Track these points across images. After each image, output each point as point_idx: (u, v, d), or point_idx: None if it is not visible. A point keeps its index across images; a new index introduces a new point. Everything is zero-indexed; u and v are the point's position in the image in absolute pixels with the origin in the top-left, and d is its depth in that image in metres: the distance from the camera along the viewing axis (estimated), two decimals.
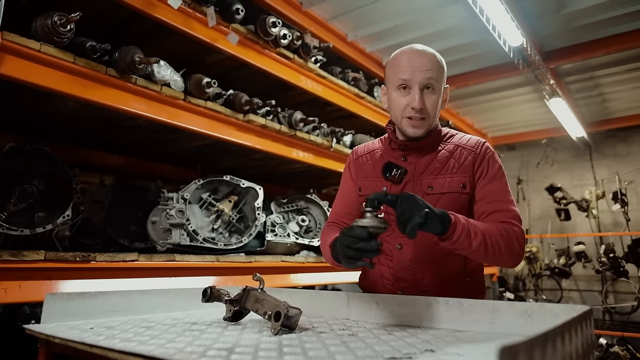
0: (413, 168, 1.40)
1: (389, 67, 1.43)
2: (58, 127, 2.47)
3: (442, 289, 1.36)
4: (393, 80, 1.38)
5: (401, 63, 1.37)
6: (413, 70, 1.34)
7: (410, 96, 1.35)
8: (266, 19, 2.52)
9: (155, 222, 2.36)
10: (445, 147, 1.43)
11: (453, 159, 1.40)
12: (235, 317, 1.25)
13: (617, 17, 3.28)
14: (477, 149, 1.41)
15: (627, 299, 5.38)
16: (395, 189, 1.40)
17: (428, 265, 1.37)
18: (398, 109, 1.38)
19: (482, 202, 1.37)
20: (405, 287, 1.39)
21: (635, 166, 5.81)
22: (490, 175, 1.38)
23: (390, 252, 1.41)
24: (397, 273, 1.40)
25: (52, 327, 1.09)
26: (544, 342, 0.65)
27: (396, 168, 1.40)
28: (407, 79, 1.34)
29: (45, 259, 1.61)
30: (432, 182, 1.38)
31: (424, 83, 1.34)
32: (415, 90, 1.34)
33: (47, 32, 1.66)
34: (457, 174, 1.37)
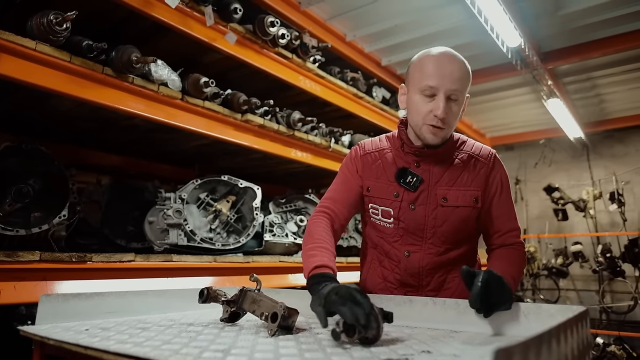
0: (428, 176, 1.37)
1: (414, 68, 1.36)
2: (54, 127, 2.46)
3: (446, 293, 1.40)
4: (418, 84, 1.33)
5: (429, 67, 1.31)
6: (441, 78, 1.29)
7: (435, 104, 1.30)
8: (264, 18, 2.51)
9: (152, 222, 2.35)
10: (459, 157, 1.40)
11: (467, 171, 1.38)
12: (232, 318, 1.25)
13: (614, 18, 3.29)
14: (489, 162, 1.41)
15: (624, 298, 5.40)
16: (409, 196, 1.37)
17: (434, 272, 1.40)
18: (419, 115, 1.33)
19: (498, 221, 1.40)
20: (409, 292, 1.41)
21: (632, 166, 5.82)
22: (504, 192, 1.41)
23: (398, 259, 1.41)
24: (403, 279, 1.41)
25: (47, 329, 1.09)
26: (539, 343, 0.65)
27: (411, 175, 1.36)
28: (434, 86, 1.29)
29: (40, 259, 1.60)
30: (447, 194, 1.36)
31: (449, 93, 1.29)
32: (440, 98, 1.29)
33: (43, 31, 1.65)
34: (470, 187, 1.37)
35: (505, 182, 1.42)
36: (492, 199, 1.39)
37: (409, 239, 1.38)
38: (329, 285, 1.07)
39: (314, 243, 1.29)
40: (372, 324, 0.93)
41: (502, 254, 1.38)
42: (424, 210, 1.36)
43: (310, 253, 1.26)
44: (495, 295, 1.08)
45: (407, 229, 1.38)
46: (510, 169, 6.48)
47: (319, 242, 1.29)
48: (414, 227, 1.37)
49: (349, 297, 0.96)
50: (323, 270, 1.18)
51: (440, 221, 1.35)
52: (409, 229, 1.38)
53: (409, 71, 1.40)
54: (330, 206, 1.44)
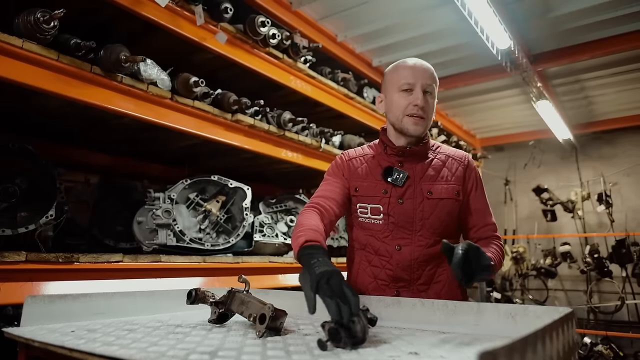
0: (412, 173, 1.48)
1: (391, 73, 1.53)
2: (42, 126, 2.44)
3: (437, 287, 1.46)
4: (396, 84, 1.48)
5: (406, 68, 1.49)
6: (417, 74, 1.46)
7: (414, 95, 1.45)
8: (255, 18, 2.50)
9: (141, 222, 2.34)
10: (437, 157, 1.53)
11: (446, 168, 1.51)
12: (220, 319, 1.25)
13: (603, 21, 3.33)
14: (465, 161, 1.54)
15: (611, 298, 5.47)
16: (397, 191, 1.46)
17: (425, 265, 1.45)
18: (399, 109, 1.47)
19: (475, 215, 1.52)
20: (402, 287, 1.46)
21: (619, 168, 5.90)
22: (479, 189, 1.54)
23: (389, 254, 1.46)
24: (395, 274, 1.45)
25: (32, 330, 1.07)
26: (524, 345, 0.65)
27: (397, 172, 1.46)
28: (412, 81, 1.45)
29: (26, 260, 1.58)
30: (431, 188, 1.46)
31: (425, 86, 1.46)
32: (418, 90, 1.45)
33: (29, 29, 1.63)
34: (452, 182, 1.49)
35: (480, 181, 1.55)
36: (469, 195, 1.52)
37: (400, 233, 1.45)
38: (321, 261, 1.08)
39: (303, 226, 1.31)
40: (356, 326, 0.93)
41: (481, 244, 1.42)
42: (412, 204, 1.45)
43: (299, 235, 1.26)
44: (475, 263, 1.15)
45: (397, 223, 1.45)
46: (500, 170, 6.56)
47: (307, 226, 1.30)
48: (404, 221, 1.45)
49: (339, 292, 0.97)
50: (313, 243, 1.19)
51: (428, 213, 1.45)
52: (399, 222, 1.45)
53: (385, 79, 1.56)
54: (320, 202, 1.48)
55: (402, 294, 1.44)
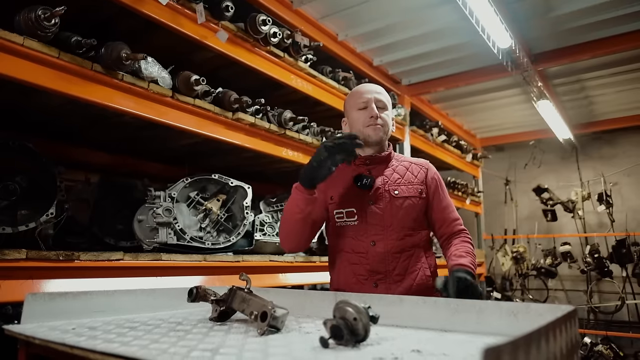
0: (379, 178, 1.68)
1: (350, 98, 1.76)
2: (42, 124, 2.43)
3: (410, 278, 1.61)
4: (354, 105, 1.71)
5: (360, 91, 1.74)
6: (369, 94, 1.71)
7: (369, 110, 1.68)
8: (256, 16, 2.50)
9: (141, 220, 2.33)
10: (401, 164, 1.74)
11: (409, 172, 1.71)
12: (221, 317, 1.24)
13: (604, 20, 3.33)
14: (425, 167, 1.75)
15: (611, 298, 5.48)
16: (366, 194, 1.65)
17: (397, 257, 1.62)
18: (360, 123, 1.69)
19: (441, 212, 1.71)
20: (379, 279, 1.61)
21: (619, 168, 5.90)
22: (442, 190, 1.73)
23: (365, 250, 1.62)
24: (372, 267, 1.61)
25: (33, 328, 1.07)
26: (528, 342, 0.65)
27: (366, 178, 1.65)
28: (366, 100, 1.69)
29: (27, 258, 1.58)
30: (397, 189, 1.66)
31: (377, 102, 1.70)
32: (372, 106, 1.69)
33: (30, 26, 1.62)
34: (414, 183, 1.69)
35: (441, 183, 1.75)
36: (433, 195, 1.71)
37: (373, 230, 1.62)
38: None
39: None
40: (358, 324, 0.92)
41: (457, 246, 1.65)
42: (381, 204, 1.64)
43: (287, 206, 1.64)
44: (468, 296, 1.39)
45: (369, 222, 1.63)
46: (500, 170, 6.56)
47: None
48: (376, 219, 1.63)
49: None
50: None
51: (396, 210, 1.63)
52: (371, 221, 1.63)
53: (345, 105, 1.79)
54: None
55: (380, 286, 1.60)
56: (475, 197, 5.74)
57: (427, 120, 4.83)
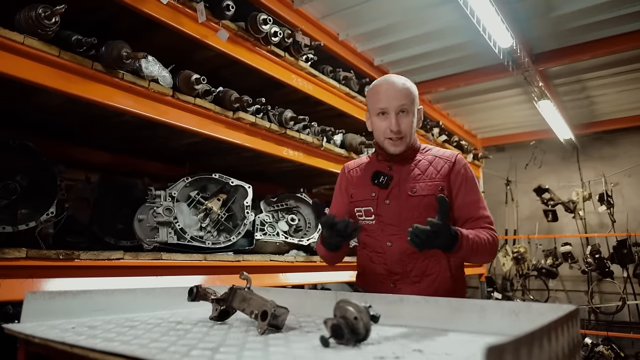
0: (397, 175, 1.61)
1: (368, 96, 1.67)
2: (42, 123, 2.43)
3: (429, 279, 1.56)
4: (373, 109, 1.62)
5: (378, 94, 1.60)
6: (389, 99, 1.57)
7: (388, 120, 1.57)
8: (257, 16, 2.50)
9: (142, 220, 2.33)
10: (424, 158, 1.65)
11: (432, 167, 1.61)
12: (221, 316, 1.24)
13: (605, 20, 3.32)
14: (452, 159, 1.63)
15: (612, 299, 5.46)
16: (383, 193, 1.60)
17: (415, 258, 1.56)
18: (379, 132, 1.61)
19: (466, 209, 1.58)
20: (397, 280, 1.58)
21: (620, 168, 5.90)
22: (469, 185, 1.60)
23: (383, 250, 1.59)
24: (390, 267, 1.58)
25: (32, 327, 1.06)
26: (531, 341, 0.65)
27: (383, 175, 1.61)
28: (384, 106, 1.57)
29: (27, 256, 1.57)
30: (414, 186, 1.58)
31: (398, 108, 1.57)
32: (391, 115, 1.57)
33: (31, 25, 1.62)
34: (435, 179, 1.58)
35: (470, 177, 1.62)
36: (458, 190, 1.59)
37: (390, 230, 1.58)
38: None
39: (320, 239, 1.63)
40: (359, 323, 0.92)
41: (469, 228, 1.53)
42: (397, 203, 1.58)
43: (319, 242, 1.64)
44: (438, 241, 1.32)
45: (386, 221, 1.59)
46: (501, 170, 6.56)
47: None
48: (392, 219, 1.57)
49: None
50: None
51: (412, 210, 1.55)
52: (387, 221, 1.58)
53: (367, 101, 1.69)
54: None
55: (398, 286, 1.57)
56: None
57: (428, 120, 4.82)
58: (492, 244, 1.52)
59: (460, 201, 1.58)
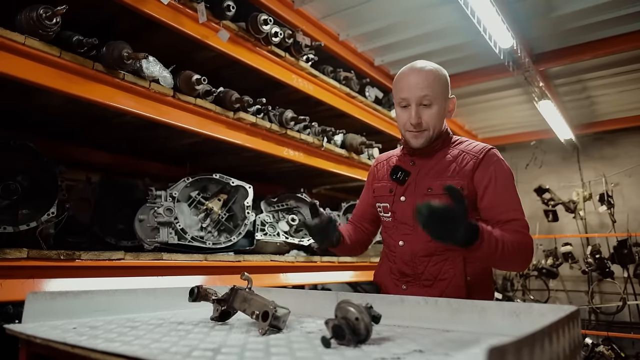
0: (417, 171, 1.52)
1: (394, 85, 1.56)
2: (43, 123, 2.43)
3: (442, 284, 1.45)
4: (396, 99, 1.53)
5: (401, 82, 1.50)
6: (409, 89, 1.46)
7: (409, 112, 1.47)
8: (257, 16, 2.50)
9: (142, 220, 2.33)
10: (450, 152, 1.51)
11: (455, 163, 1.48)
12: (222, 316, 1.24)
13: (606, 20, 3.32)
14: (479, 155, 1.47)
15: (613, 299, 5.46)
16: (399, 189, 1.54)
17: (427, 260, 1.47)
18: (401, 123, 1.53)
19: (494, 210, 1.41)
20: (408, 282, 1.52)
21: (621, 168, 5.89)
22: (499, 183, 1.42)
23: (395, 249, 1.55)
24: (400, 268, 1.53)
25: (34, 327, 1.07)
26: (532, 342, 0.65)
27: (401, 171, 1.54)
28: (405, 97, 1.47)
29: (28, 257, 1.57)
30: (432, 184, 1.47)
31: (420, 100, 1.45)
32: (412, 106, 1.46)
33: (32, 25, 1.62)
34: (456, 177, 1.45)
35: (501, 174, 1.44)
36: (485, 189, 1.43)
37: (403, 229, 1.52)
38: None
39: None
40: (360, 323, 0.92)
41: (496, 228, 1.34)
42: (412, 201, 1.48)
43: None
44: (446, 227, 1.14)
45: (399, 219, 1.53)
46: None
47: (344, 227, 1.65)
48: (405, 217, 1.51)
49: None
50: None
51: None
52: (400, 219, 1.52)
53: (392, 88, 1.60)
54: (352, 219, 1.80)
55: (409, 288, 1.51)
56: None
57: None
58: (525, 249, 1.34)
59: (487, 202, 1.41)
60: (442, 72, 1.50)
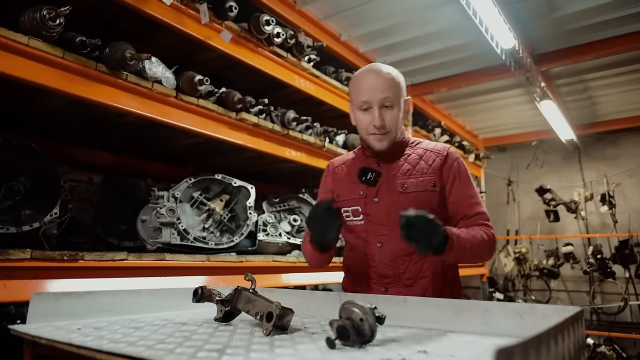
0: (386, 171, 1.52)
1: (351, 89, 1.55)
2: (45, 124, 2.43)
3: (423, 282, 1.47)
4: (356, 102, 1.51)
5: (361, 86, 1.49)
6: (371, 92, 1.46)
7: (371, 115, 1.47)
8: (260, 17, 2.50)
9: (145, 220, 2.33)
10: (414, 152, 1.55)
11: (423, 162, 1.52)
12: (226, 317, 1.24)
13: (607, 21, 3.32)
14: (443, 153, 1.53)
15: (614, 299, 5.45)
16: (371, 191, 1.51)
17: (407, 259, 1.47)
18: (363, 127, 1.51)
19: (460, 205, 1.49)
20: (388, 284, 1.49)
21: (622, 169, 5.89)
22: (462, 180, 1.52)
23: (372, 252, 1.50)
24: (380, 270, 1.49)
25: (38, 328, 1.07)
26: (538, 343, 0.65)
27: (371, 172, 1.51)
28: (367, 100, 1.47)
29: (31, 257, 1.58)
30: (406, 182, 1.49)
31: (382, 102, 1.46)
32: (375, 109, 1.46)
33: (35, 26, 1.62)
34: (427, 174, 1.49)
35: (463, 171, 1.53)
36: (451, 186, 1.50)
37: (380, 230, 1.49)
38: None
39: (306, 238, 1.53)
40: (365, 324, 0.92)
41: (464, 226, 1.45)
42: (387, 201, 1.48)
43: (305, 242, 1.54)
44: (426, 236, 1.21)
45: (375, 221, 1.49)
46: (503, 170, 6.55)
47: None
48: (381, 218, 1.48)
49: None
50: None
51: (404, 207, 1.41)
52: (377, 220, 1.49)
53: (349, 95, 1.57)
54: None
55: (390, 290, 1.47)
56: None
57: (430, 120, 4.83)
58: (488, 242, 1.43)
59: (453, 198, 1.49)
60: (399, 74, 1.54)
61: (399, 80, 1.51)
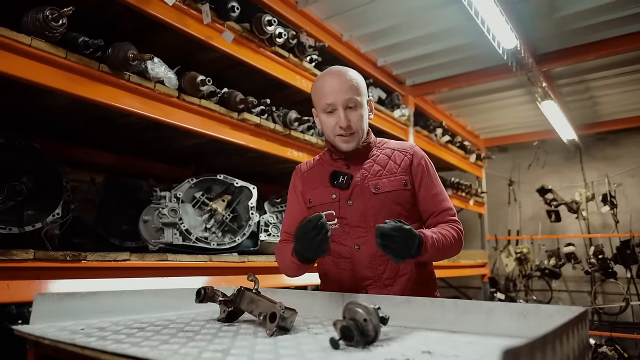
0: (357, 173, 1.52)
1: (313, 93, 1.56)
2: (47, 124, 2.44)
3: (402, 281, 1.48)
4: (320, 106, 1.51)
5: (324, 89, 1.49)
6: (334, 94, 1.47)
7: (336, 116, 1.47)
8: (262, 17, 2.50)
9: (147, 221, 2.33)
10: (382, 152, 1.57)
11: (392, 161, 1.54)
12: (229, 318, 1.24)
13: (609, 21, 3.32)
14: (410, 152, 1.57)
15: (616, 299, 5.45)
16: (344, 194, 1.51)
17: (385, 260, 1.47)
18: (329, 129, 1.51)
19: (429, 202, 1.54)
20: (368, 285, 1.49)
21: (624, 169, 5.88)
22: (430, 176, 1.55)
23: (350, 254, 1.50)
24: (359, 272, 1.49)
25: (42, 328, 1.07)
26: (544, 344, 0.65)
27: (342, 175, 1.51)
28: (331, 102, 1.47)
29: (34, 258, 1.58)
30: (378, 183, 1.50)
31: (346, 103, 1.47)
32: (339, 110, 1.47)
33: (38, 27, 1.63)
34: (397, 174, 1.51)
35: (429, 168, 1.57)
36: (420, 183, 1.53)
37: (356, 233, 1.49)
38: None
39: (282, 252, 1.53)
40: (368, 325, 0.92)
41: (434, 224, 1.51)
42: (361, 203, 1.49)
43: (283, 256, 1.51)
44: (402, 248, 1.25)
45: (351, 224, 1.49)
46: (504, 171, 6.55)
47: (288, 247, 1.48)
48: (357, 220, 1.49)
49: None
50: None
51: (378, 208, 1.47)
52: (352, 223, 1.49)
53: (312, 97, 1.58)
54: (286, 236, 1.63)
55: (370, 291, 1.47)
56: (479, 197, 5.73)
57: (431, 120, 4.82)
58: (458, 240, 1.48)
59: (422, 195, 1.53)
60: (360, 76, 1.56)
61: (360, 81, 1.53)
